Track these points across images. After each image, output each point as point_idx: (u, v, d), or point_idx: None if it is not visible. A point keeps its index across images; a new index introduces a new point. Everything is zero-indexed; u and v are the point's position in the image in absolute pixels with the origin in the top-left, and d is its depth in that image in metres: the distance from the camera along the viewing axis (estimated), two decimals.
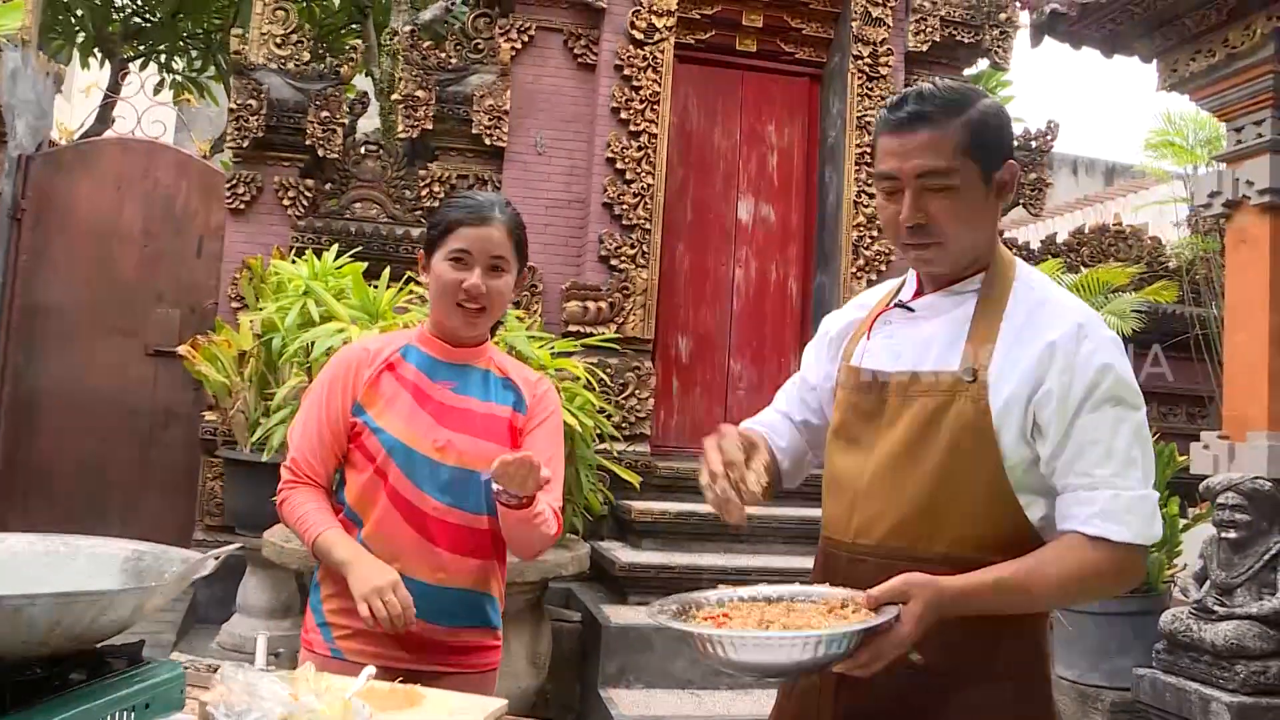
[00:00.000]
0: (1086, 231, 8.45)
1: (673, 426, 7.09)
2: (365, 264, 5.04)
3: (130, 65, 12.22)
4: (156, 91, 11.87)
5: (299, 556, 4.11)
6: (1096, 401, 1.67)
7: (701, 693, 5.02)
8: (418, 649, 2.17)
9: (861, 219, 7.10)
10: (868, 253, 7.07)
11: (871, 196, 7.12)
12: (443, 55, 6.96)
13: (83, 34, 11.82)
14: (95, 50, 11.92)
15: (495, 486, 2.07)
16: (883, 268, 7.05)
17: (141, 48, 12.57)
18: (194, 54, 12.57)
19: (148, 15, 12.17)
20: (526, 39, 7.04)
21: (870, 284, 6.98)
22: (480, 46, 7.02)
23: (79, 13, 11.70)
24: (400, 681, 1.81)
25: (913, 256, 1.80)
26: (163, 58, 12.69)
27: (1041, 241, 8.45)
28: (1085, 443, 1.66)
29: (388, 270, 4.85)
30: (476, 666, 2.28)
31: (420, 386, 2.23)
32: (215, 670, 1.64)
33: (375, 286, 4.74)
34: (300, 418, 2.30)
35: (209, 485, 6.29)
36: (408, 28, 7.00)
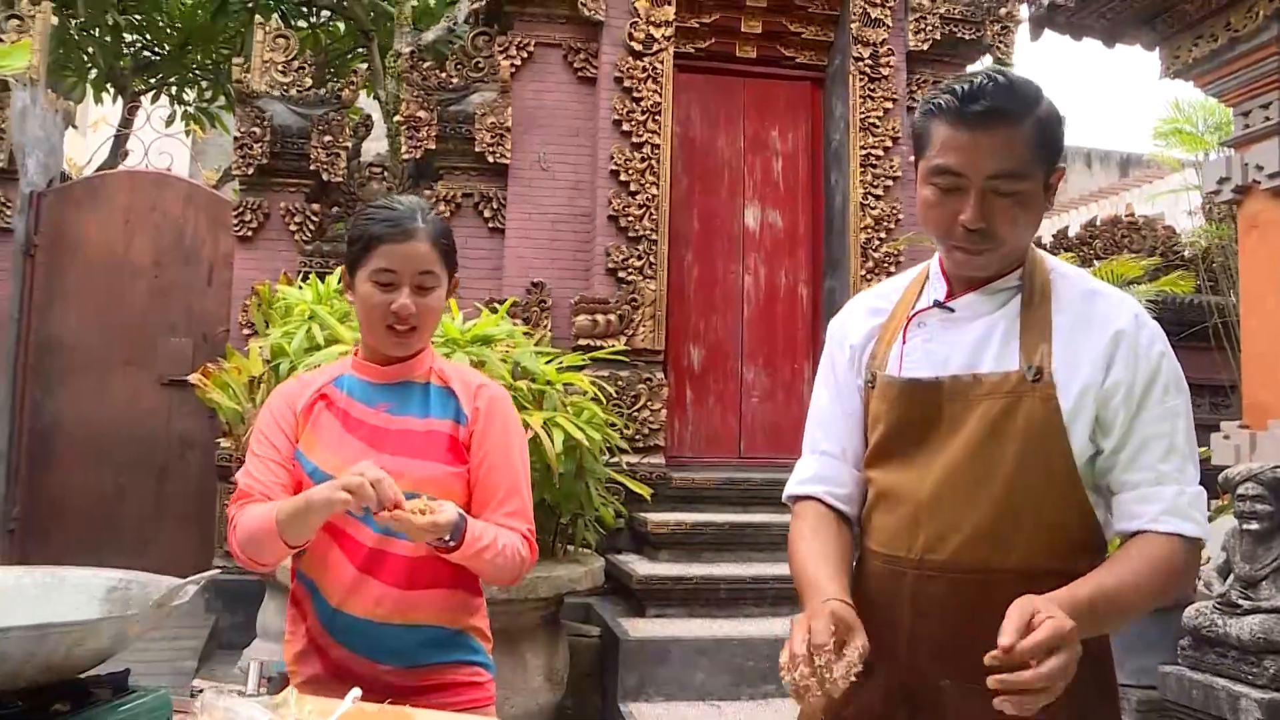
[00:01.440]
0: (1099, 224, 8.37)
1: (687, 437, 7.07)
2: None
3: (141, 99, 12.37)
4: (168, 124, 11.99)
5: None
6: (1159, 392, 1.65)
7: (722, 704, 4.98)
8: (381, 692, 1.90)
9: (869, 221, 7.06)
10: (876, 255, 7.03)
11: (879, 198, 7.10)
12: (444, 75, 6.99)
13: (95, 70, 11.95)
14: (108, 86, 12.04)
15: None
16: (892, 269, 7.00)
17: (152, 81, 12.68)
18: (204, 85, 12.67)
19: (156, 48, 12.27)
20: (526, 55, 7.05)
21: None
22: (480, 65, 7.04)
23: (90, 50, 11.83)
24: (390, 703, 1.80)
25: (960, 258, 1.69)
26: (173, 90, 12.81)
27: (1053, 236, 8.39)
28: (1150, 437, 1.64)
29: None
30: (462, 705, 2.04)
31: (350, 413, 2.07)
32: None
33: None
34: (249, 459, 2.11)
35: (224, 512, 6.29)
36: (408, 49, 7.01)
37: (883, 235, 7.08)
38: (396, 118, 7.09)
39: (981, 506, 1.66)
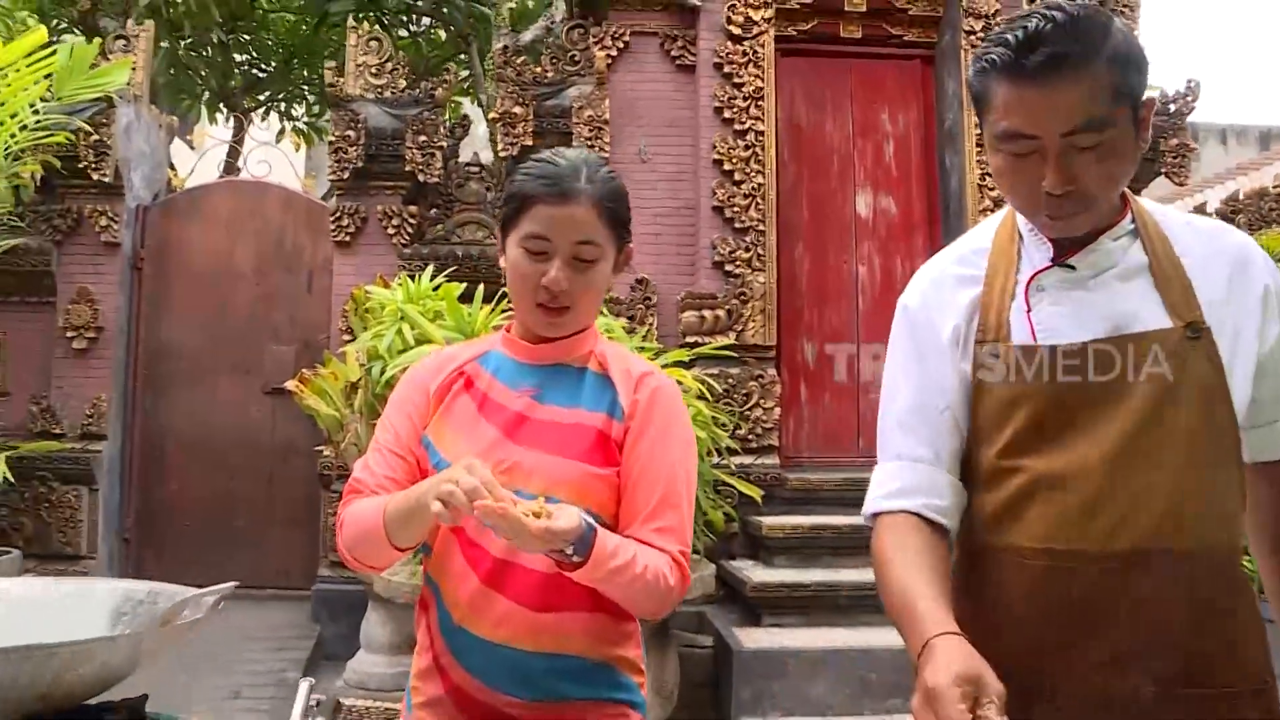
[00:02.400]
0: (1242, 198, 7.79)
1: (803, 436, 6.74)
2: (463, 285, 4.87)
3: (253, 115, 12.58)
4: (278, 139, 12.15)
5: (407, 590, 3.94)
6: None
7: (842, 719, 4.67)
8: None
9: (988, 203, 6.65)
10: None
11: None
12: (539, 70, 6.82)
13: (207, 91, 12.19)
14: (220, 106, 12.27)
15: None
16: None
17: (260, 98, 12.90)
18: (310, 100, 12.83)
19: (263, 66, 12.47)
20: (622, 45, 6.84)
21: None
22: (576, 58, 6.85)
23: (202, 72, 12.08)
24: None
25: (1051, 224, 1.51)
26: (282, 106, 13.01)
27: (1190, 213, 7.83)
28: None
29: (481, 288, 4.67)
30: None
31: (491, 396, 1.78)
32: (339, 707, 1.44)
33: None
34: (370, 446, 1.85)
35: (330, 521, 6.22)
36: (501, 44, 6.87)
37: None
38: (491, 115, 6.95)
39: (1163, 483, 1.46)
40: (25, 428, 6.47)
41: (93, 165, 6.49)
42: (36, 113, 5.92)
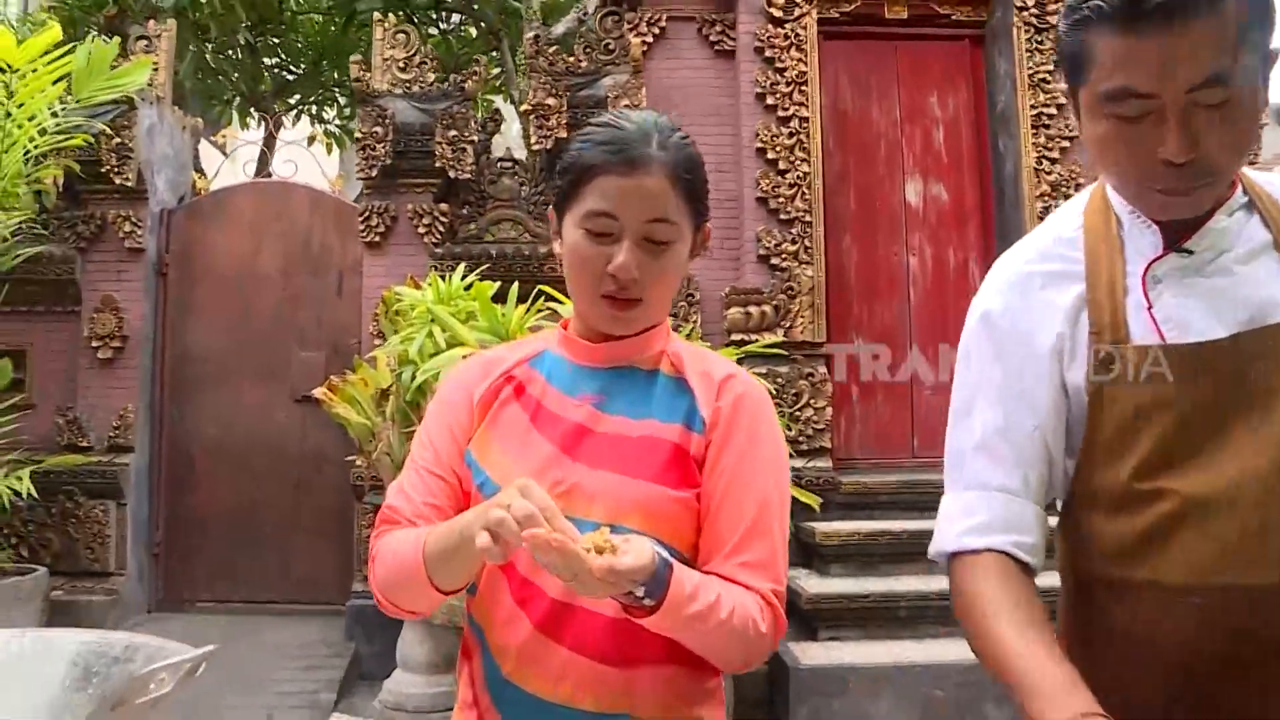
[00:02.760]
0: None
1: (855, 437, 6.43)
2: (497, 284, 4.60)
3: (283, 119, 12.42)
4: (310, 143, 11.97)
5: (443, 609, 3.67)
6: None
7: None
8: None
9: (1045, 188, 6.32)
10: None
11: (1054, 162, 6.35)
12: (572, 60, 6.55)
13: (238, 96, 12.06)
14: (251, 110, 12.12)
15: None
16: None
17: (291, 101, 12.75)
18: (342, 102, 12.66)
19: (292, 68, 12.31)
20: (658, 32, 6.57)
21: None
22: (610, 47, 6.58)
23: (232, 75, 11.95)
24: None
25: (1164, 202, 1.30)
26: (313, 109, 12.87)
27: None
28: None
29: (515, 287, 4.40)
30: None
31: (546, 405, 1.50)
32: None
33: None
34: (407, 466, 1.58)
35: (364, 533, 5.99)
36: (532, 34, 6.60)
37: (1061, 202, 6.26)
38: (524, 107, 6.69)
39: None
40: (52, 440, 6.29)
41: (115, 169, 6.29)
42: (56, 116, 5.74)
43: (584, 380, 1.52)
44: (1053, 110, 6.35)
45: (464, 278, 4.91)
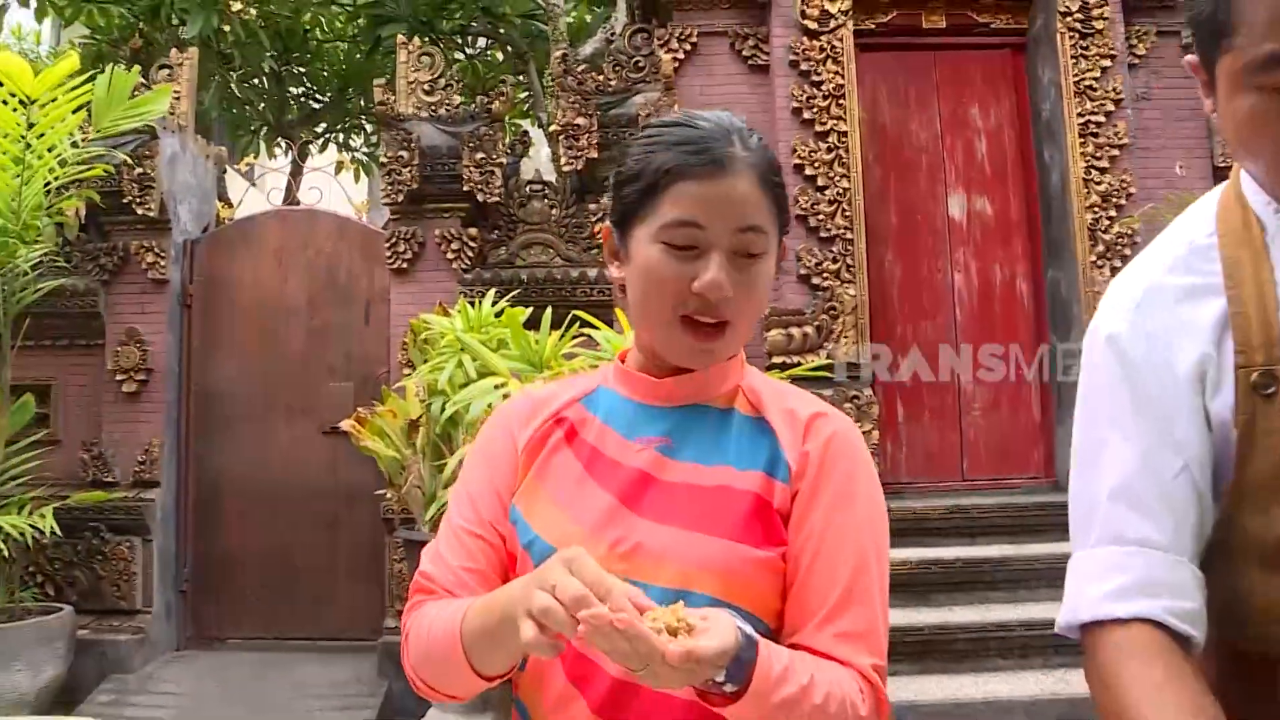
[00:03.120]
0: None
1: (902, 461, 6.20)
2: (529, 310, 4.42)
3: (310, 148, 12.36)
4: (338, 171, 11.90)
5: None
6: None
7: None
8: None
9: (1094, 199, 6.07)
10: (1106, 237, 6.03)
11: (1103, 171, 6.10)
12: (601, 78, 6.38)
13: (264, 125, 12.02)
14: (278, 140, 12.08)
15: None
16: (1127, 251, 6.00)
17: (317, 129, 12.71)
18: (369, 129, 12.59)
19: (318, 96, 12.26)
20: (689, 47, 6.40)
21: (1115, 272, 5.94)
22: (640, 64, 6.41)
23: (259, 105, 11.91)
24: None
25: None
26: (339, 137, 12.81)
27: None
28: None
29: (549, 313, 4.20)
30: None
31: (603, 451, 1.30)
32: None
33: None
34: (443, 525, 1.37)
35: (395, 568, 5.80)
36: (560, 53, 6.44)
37: (1112, 214, 6.08)
38: (553, 127, 6.53)
39: None
40: (77, 476, 6.15)
41: (137, 199, 6.17)
42: (76, 146, 5.62)
43: (646, 421, 1.31)
44: (1101, 118, 6.12)
45: (494, 303, 4.73)
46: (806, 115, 6.12)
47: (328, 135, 12.80)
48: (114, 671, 5.76)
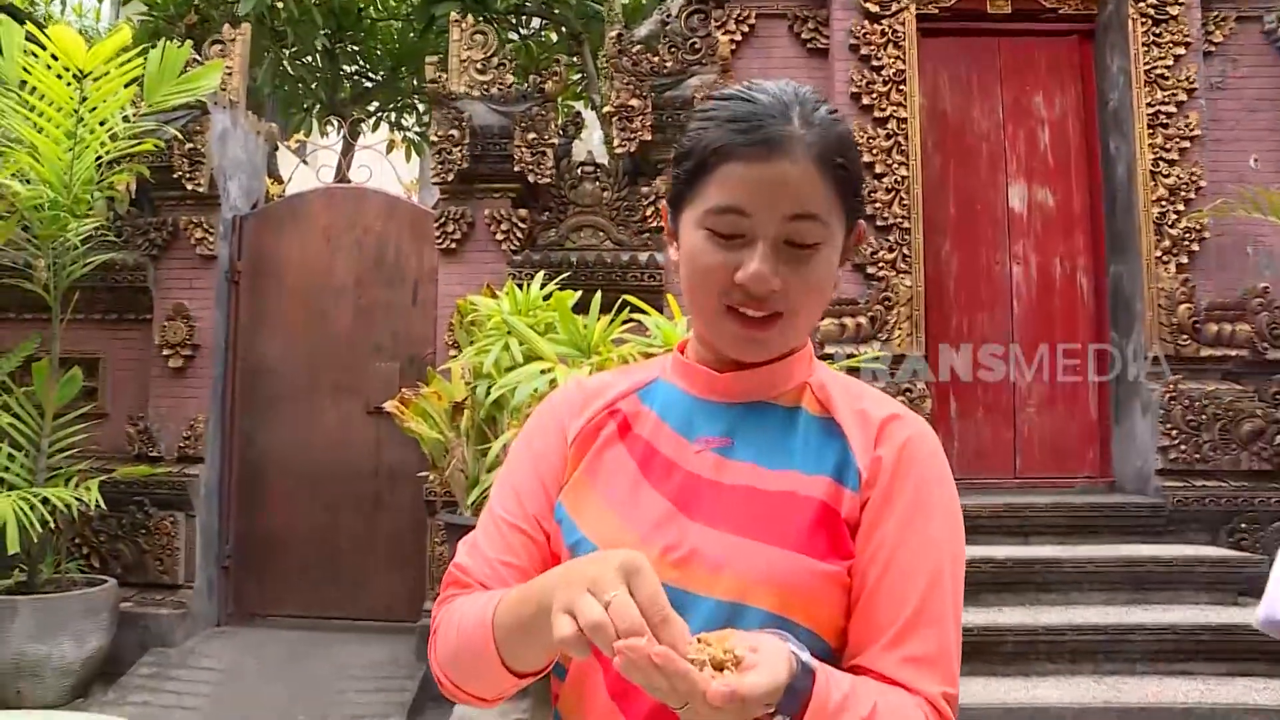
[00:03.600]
0: None
1: (953, 455, 6.03)
2: (578, 293, 4.33)
3: (363, 126, 12.36)
4: (389, 151, 11.89)
5: None
6: None
7: None
8: None
9: (1162, 192, 5.87)
10: (1173, 231, 5.83)
11: (1172, 164, 5.90)
12: (656, 60, 6.26)
13: (317, 103, 12.02)
14: (330, 118, 12.08)
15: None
16: (1194, 246, 5.81)
17: (370, 108, 12.69)
18: (421, 109, 12.56)
19: (371, 75, 12.24)
20: (747, 29, 6.28)
21: (1180, 268, 5.76)
22: (696, 46, 6.28)
23: (311, 84, 11.91)
24: None
25: None
26: (392, 116, 12.79)
27: None
28: None
29: (598, 296, 4.11)
30: None
31: (659, 449, 1.21)
32: None
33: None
34: (483, 516, 1.29)
35: (436, 551, 5.76)
36: (615, 33, 6.33)
37: (1180, 207, 5.87)
38: (606, 109, 6.43)
39: None
40: (124, 450, 6.17)
41: (187, 175, 6.15)
42: (128, 120, 5.61)
43: (705, 418, 1.21)
44: (1172, 108, 5.91)
45: (543, 286, 4.65)
46: (866, 101, 5.98)
47: (380, 114, 12.78)
48: (155, 645, 5.77)
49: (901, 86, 5.99)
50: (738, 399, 1.22)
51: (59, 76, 5.20)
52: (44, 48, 5.10)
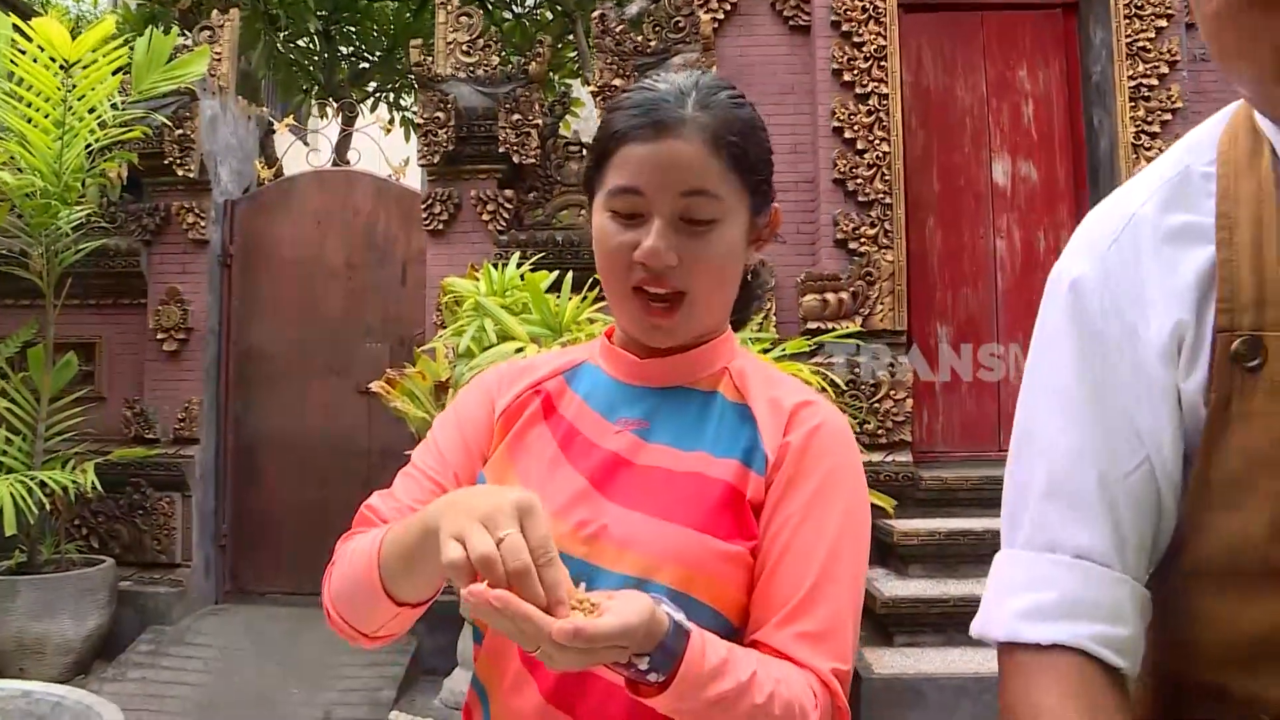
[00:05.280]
0: None
1: (938, 429, 6.11)
2: (554, 273, 4.39)
3: (360, 107, 12.40)
4: (387, 132, 11.93)
5: None
6: None
7: None
8: None
9: (1144, 164, 5.86)
10: None
11: (1154, 137, 5.92)
12: (640, 39, 6.31)
13: (316, 86, 12.08)
14: (329, 99, 12.14)
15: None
16: None
17: (368, 89, 12.74)
18: (417, 89, 12.57)
19: (367, 56, 12.29)
20: (729, 7, 6.30)
21: None
22: (680, 24, 6.32)
23: (308, 66, 11.96)
24: None
25: None
26: (389, 96, 12.83)
27: None
28: None
29: (569, 277, 4.18)
30: None
31: (580, 429, 1.24)
32: None
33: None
34: (402, 470, 1.32)
35: None
36: (599, 13, 6.37)
37: None
38: (589, 89, 6.47)
39: None
40: (120, 432, 6.28)
41: (177, 161, 6.23)
42: (116, 108, 5.68)
43: (626, 401, 1.25)
44: (1154, 81, 5.93)
45: (533, 266, 4.70)
46: (847, 77, 6.00)
47: (378, 94, 12.83)
48: (153, 623, 5.90)
49: (883, 63, 6.01)
50: (657, 384, 1.25)
51: (46, 68, 5.28)
52: (30, 39, 5.18)
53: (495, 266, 4.44)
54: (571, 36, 11.35)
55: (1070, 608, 0.92)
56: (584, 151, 6.47)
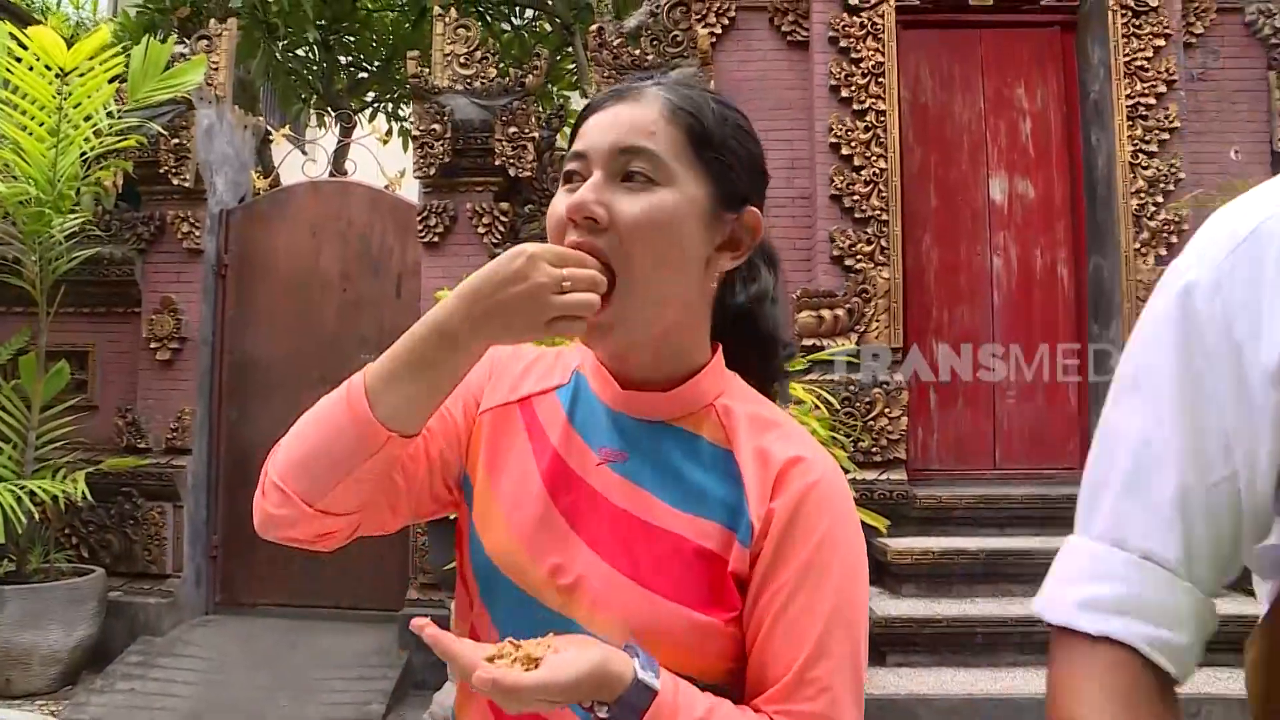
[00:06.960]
0: None
1: (933, 447, 6.09)
2: None
3: (358, 118, 12.39)
4: (385, 142, 11.92)
5: None
6: None
7: None
8: None
9: (1141, 184, 5.89)
10: (1152, 223, 5.85)
11: (1151, 155, 5.92)
12: (637, 53, 6.30)
13: (314, 96, 12.07)
14: (328, 109, 12.13)
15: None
16: (1173, 239, 5.83)
17: (366, 99, 12.74)
18: (414, 100, 12.57)
19: (366, 66, 12.29)
20: (727, 22, 6.29)
21: (1161, 260, 5.78)
22: (678, 39, 6.32)
23: (307, 76, 11.96)
24: None
25: None
26: (388, 106, 12.84)
27: None
28: None
29: None
30: None
31: (564, 458, 1.15)
32: None
33: None
34: None
35: (418, 540, 5.84)
36: (595, 27, 6.37)
37: (1159, 199, 5.89)
38: (586, 102, 6.47)
39: None
40: (112, 441, 6.25)
41: (173, 170, 6.22)
42: (112, 116, 5.67)
43: (608, 429, 1.15)
44: (1151, 100, 5.93)
45: None
46: (845, 94, 6.00)
47: (376, 105, 12.83)
48: (143, 633, 5.86)
49: (880, 79, 6.01)
50: (636, 412, 1.15)
51: (42, 76, 5.27)
52: (25, 47, 5.17)
53: None
54: (570, 49, 11.36)
55: (1128, 605, 0.91)
56: None
